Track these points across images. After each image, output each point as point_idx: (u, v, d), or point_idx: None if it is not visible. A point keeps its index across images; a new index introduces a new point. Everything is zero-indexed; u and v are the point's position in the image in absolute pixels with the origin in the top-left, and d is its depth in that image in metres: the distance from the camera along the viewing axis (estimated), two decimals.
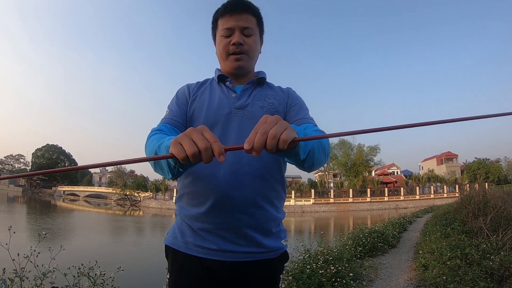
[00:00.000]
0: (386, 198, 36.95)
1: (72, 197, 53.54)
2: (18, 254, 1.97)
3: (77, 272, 2.17)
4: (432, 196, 37.60)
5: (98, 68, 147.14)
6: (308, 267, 3.52)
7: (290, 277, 3.24)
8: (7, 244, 2.01)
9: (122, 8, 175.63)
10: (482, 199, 6.54)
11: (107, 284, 2.26)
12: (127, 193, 43.34)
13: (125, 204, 41.22)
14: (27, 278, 1.97)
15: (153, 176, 57.88)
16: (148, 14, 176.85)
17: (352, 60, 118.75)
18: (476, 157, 54.40)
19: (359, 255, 5.42)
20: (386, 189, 38.58)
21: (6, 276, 1.87)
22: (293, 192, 36.89)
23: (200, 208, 0.89)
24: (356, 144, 41.81)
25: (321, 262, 3.73)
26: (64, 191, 56.92)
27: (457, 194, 21.54)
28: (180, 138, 0.56)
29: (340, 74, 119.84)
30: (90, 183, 67.48)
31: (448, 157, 53.53)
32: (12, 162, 73.63)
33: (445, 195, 37.27)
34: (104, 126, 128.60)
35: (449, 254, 4.13)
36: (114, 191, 45.73)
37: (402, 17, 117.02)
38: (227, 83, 1.01)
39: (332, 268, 3.53)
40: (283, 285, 3.05)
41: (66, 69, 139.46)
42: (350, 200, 36.53)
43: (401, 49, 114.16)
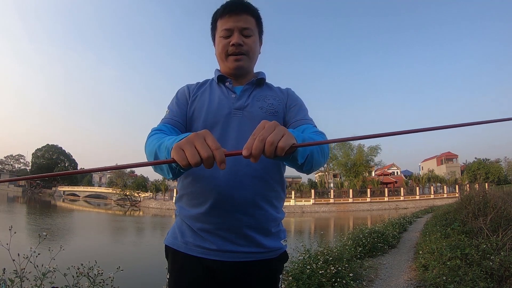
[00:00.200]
0: (386, 199, 36.94)
1: (72, 197, 53.52)
2: (18, 255, 1.97)
3: (77, 272, 2.17)
4: (432, 197, 37.59)
5: (98, 68, 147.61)
6: (308, 267, 3.52)
7: (290, 277, 3.24)
8: (8, 244, 2.01)
9: (122, 8, 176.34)
10: (482, 200, 6.55)
11: (107, 284, 2.26)
12: (127, 193, 43.36)
13: (125, 204, 41.22)
14: (27, 279, 1.97)
15: (153, 177, 58.01)
16: (148, 14, 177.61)
17: (352, 60, 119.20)
18: (476, 157, 54.44)
19: (359, 256, 5.42)
20: (386, 189, 38.57)
21: (7, 277, 1.87)
22: (293, 192, 36.87)
23: (200, 209, 0.90)
24: (356, 145, 41.80)
25: (321, 263, 3.74)
26: (64, 191, 56.90)
27: (457, 195, 21.53)
28: (183, 145, 0.56)
29: (340, 74, 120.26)
30: (90, 183, 67.41)
31: (448, 157, 53.52)
32: (12, 162, 73.64)
33: (445, 196, 37.26)
34: (104, 126, 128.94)
35: (449, 255, 4.13)
36: (114, 191, 45.71)
37: (402, 17, 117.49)
38: (227, 84, 1.01)
39: (332, 269, 3.54)
40: (283, 285, 3.05)
41: (66, 69, 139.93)
42: (350, 200, 36.52)
43: (401, 49, 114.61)
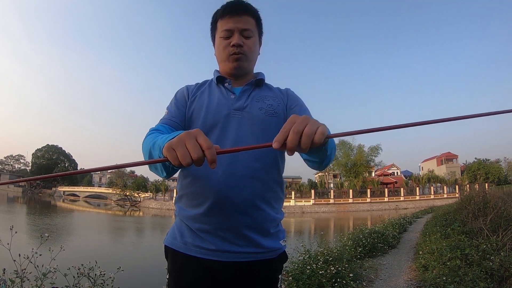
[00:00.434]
0: (386, 199, 36.91)
1: (72, 198, 53.51)
2: (19, 255, 1.97)
3: (77, 273, 2.18)
4: (432, 197, 37.56)
5: (98, 68, 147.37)
6: (308, 268, 3.52)
7: (290, 278, 3.23)
8: (9, 244, 2.01)
9: (122, 8, 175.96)
10: (482, 200, 6.54)
11: (107, 285, 2.26)
12: (127, 194, 43.30)
13: (125, 205, 41.16)
14: (28, 279, 1.97)
15: (153, 177, 57.98)
16: (148, 14, 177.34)
17: (352, 60, 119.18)
18: (476, 158, 54.36)
19: (359, 256, 5.41)
20: (386, 190, 38.54)
21: (7, 277, 1.87)
22: (293, 193, 36.83)
23: (199, 209, 0.90)
24: (356, 145, 41.76)
25: (321, 263, 3.73)
26: (64, 192, 56.89)
27: (457, 195, 21.54)
28: (174, 144, 0.56)
29: (340, 74, 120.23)
30: (90, 184, 67.41)
31: (448, 158, 53.50)
32: (12, 163, 73.63)
33: (445, 196, 37.24)
34: (104, 126, 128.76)
35: (449, 255, 4.12)
36: (114, 192, 45.68)
37: (402, 17, 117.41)
38: (226, 85, 1.02)
39: (332, 269, 3.53)
40: (283, 286, 3.05)
41: (66, 69, 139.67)
42: (350, 201, 36.49)
43: (401, 49, 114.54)
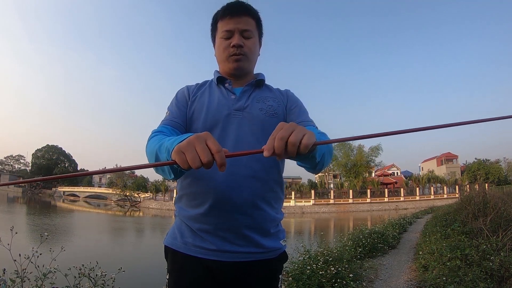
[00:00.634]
0: (386, 199, 36.88)
1: (72, 198, 53.51)
2: (20, 255, 1.97)
3: (78, 273, 2.18)
4: (432, 197, 37.54)
5: (98, 68, 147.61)
6: (308, 268, 3.52)
7: (290, 278, 3.24)
8: (9, 245, 2.01)
9: (122, 8, 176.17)
10: (482, 200, 6.54)
11: (108, 285, 2.27)
12: (127, 194, 43.29)
13: (125, 205, 41.16)
14: (28, 279, 1.97)
15: (153, 177, 57.98)
16: (148, 14, 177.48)
17: (352, 60, 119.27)
18: (476, 158, 54.44)
19: (359, 256, 5.41)
20: (386, 190, 38.51)
21: (7, 277, 1.87)
22: (293, 193, 36.82)
23: (199, 209, 0.90)
24: (356, 145, 41.76)
25: (321, 263, 3.73)
26: (64, 192, 56.89)
27: (457, 195, 21.55)
28: (184, 147, 0.56)
29: (340, 74, 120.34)
30: (90, 184, 67.30)
31: (448, 158, 53.48)
32: (12, 163, 73.65)
33: (445, 196, 37.21)
34: (104, 126, 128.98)
35: (449, 255, 4.13)
36: (114, 192, 45.66)
37: (402, 17, 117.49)
38: (226, 85, 1.02)
39: (332, 269, 3.53)
40: (283, 286, 3.05)
41: (66, 69, 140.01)
42: (350, 201, 36.47)
43: (401, 49, 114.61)
